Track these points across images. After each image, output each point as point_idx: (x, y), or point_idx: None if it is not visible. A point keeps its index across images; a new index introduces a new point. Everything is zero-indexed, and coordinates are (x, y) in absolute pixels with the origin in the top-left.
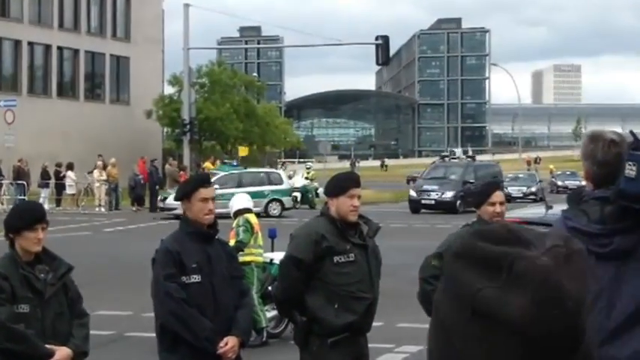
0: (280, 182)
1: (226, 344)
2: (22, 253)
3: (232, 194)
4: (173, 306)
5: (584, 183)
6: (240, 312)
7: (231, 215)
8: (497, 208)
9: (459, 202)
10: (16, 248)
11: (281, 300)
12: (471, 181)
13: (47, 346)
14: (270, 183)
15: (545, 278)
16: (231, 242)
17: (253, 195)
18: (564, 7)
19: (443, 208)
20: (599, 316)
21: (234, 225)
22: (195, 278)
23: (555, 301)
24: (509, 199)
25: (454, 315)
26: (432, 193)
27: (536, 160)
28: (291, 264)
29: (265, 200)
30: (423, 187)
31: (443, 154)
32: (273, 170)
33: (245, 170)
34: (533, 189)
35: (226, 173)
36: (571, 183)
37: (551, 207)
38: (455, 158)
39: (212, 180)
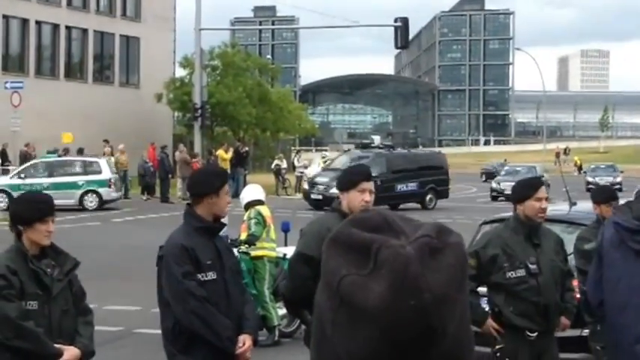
0: (98, 172)
1: (244, 344)
2: (29, 246)
3: (42, 185)
4: (195, 305)
5: (618, 179)
6: (247, 308)
7: (243, 207)
8: (544, 204)
9: None
10: (23, 241)
11: (290, 300)
12: (374, 175)
13: (56, 345)
14: (86, 173)
15: (404, 267)
16: (243, 236)
17: (65, 186)
18: None
19: (330, 205)
20: (635, 313)
21: (245, 217)
22: (211, 275)
23: (411, 292)
24: (500, 195)
25: (325, 302)
26: (320, 186)
27: (566, 151)
28: (301, 262)
29: (79, 192)
30: (315, 179)
31: (364, 141)
32: (92, 159)
33: (58, 158)
34: None
35: (35, 162)
36: (603, 179)
37: (575, 203)
38: (374, 147)
39: (19, 169)
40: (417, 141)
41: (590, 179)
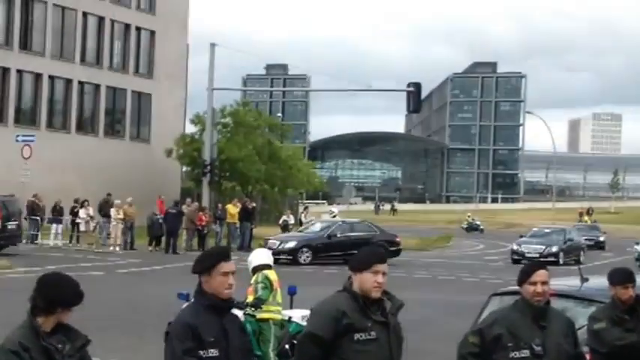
0: None
1: None
2: (43, 322)
3: None
4: None
5: (554, 250)
6: None
7: (250, 271)
8: (539, 288)
9: None
10: (37, 319)
11: None
12: None
13: None
14: None
15: None
16: (249, 298)
17: None
18: (606, 52)
19: None
20: None
21: (252, 281)
22: (213, 352)
23: None
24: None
25: None
26: None
27: (589, 212)
28: (310, 342)
29: None
30: None
31: None
32: None
33: None
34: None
35: None
36: (531, 247)
37: (587, 279)
38: None
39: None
40: (425, 196)
41: (515, 247)
